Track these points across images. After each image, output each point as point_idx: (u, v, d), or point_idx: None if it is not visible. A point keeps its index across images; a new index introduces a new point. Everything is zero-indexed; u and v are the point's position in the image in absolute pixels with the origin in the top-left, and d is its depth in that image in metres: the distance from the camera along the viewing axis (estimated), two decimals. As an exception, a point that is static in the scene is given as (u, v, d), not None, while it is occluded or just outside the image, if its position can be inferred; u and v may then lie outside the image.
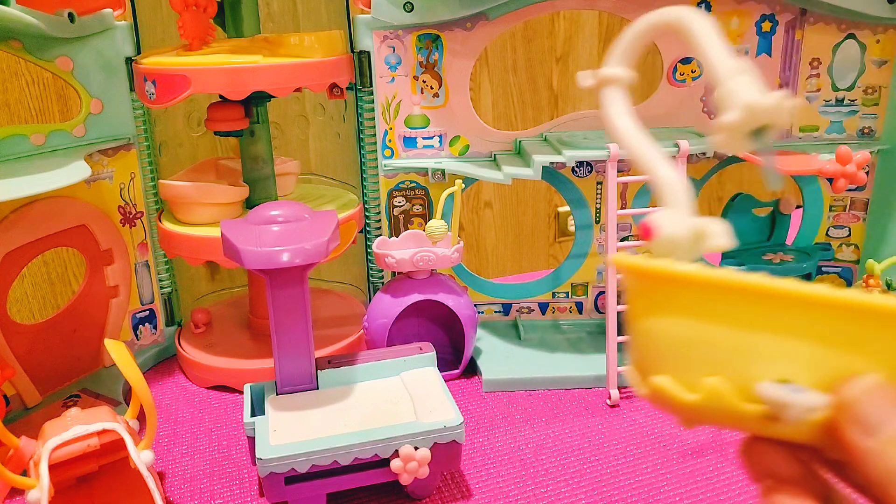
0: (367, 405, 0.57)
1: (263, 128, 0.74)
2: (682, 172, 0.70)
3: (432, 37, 0.72)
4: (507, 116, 1.36)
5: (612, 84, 0.32)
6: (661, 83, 0.76)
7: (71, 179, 0.62)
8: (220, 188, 0.72)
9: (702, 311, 0.24)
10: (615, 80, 0.32)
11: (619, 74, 0.32)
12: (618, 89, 0.32)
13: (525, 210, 1.52)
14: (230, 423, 0.67)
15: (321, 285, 0.91)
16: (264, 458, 0.50)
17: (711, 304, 0.24)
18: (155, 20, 0.76)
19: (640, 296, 0.26)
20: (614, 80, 0.32)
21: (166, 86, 0.65)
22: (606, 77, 0.32)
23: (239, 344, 0.77)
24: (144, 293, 0.77)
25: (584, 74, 0.33)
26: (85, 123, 0.70)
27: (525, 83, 1.33)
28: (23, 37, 0.64)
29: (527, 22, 0.78)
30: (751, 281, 0.23)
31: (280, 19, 0.86)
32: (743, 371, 0.24)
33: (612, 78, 0.32)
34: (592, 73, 0.32)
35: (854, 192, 0.78)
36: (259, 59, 0.65)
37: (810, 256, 0.75)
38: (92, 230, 0.71)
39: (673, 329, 0.25)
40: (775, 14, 0.73)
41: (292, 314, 0.56)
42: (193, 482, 0.59)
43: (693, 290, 0.24)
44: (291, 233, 0.56)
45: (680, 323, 0.24)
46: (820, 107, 0.76)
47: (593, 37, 1.30)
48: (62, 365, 0.70)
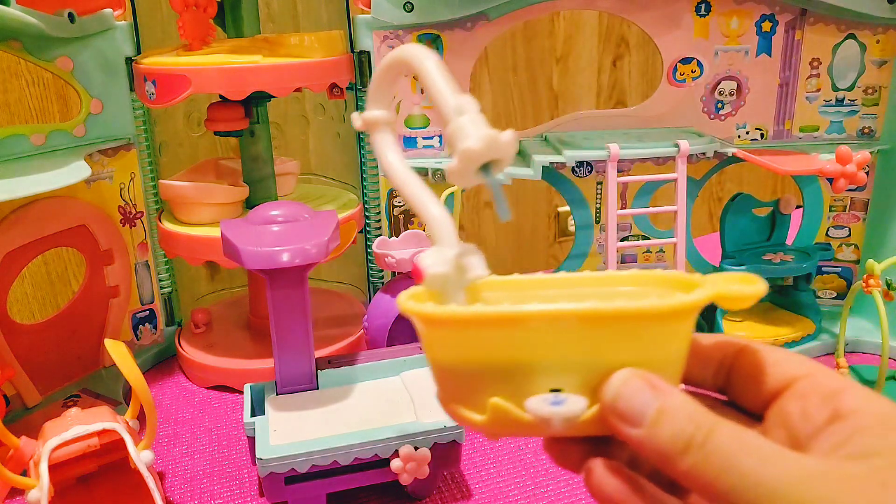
0: (368, 405, 0.57)
1: (263, 128, 0.74)
2: (683, 173, 0.71)
3: (432, 37, 0.72)
4: (507, 116, 1.36)
5: (378, 126, 0.33)
6: (661, 83, 0.76)
7: (71, 179, 0.62)
8: (220, 188, 0.72)
9: (473, 344, 0.26)
10: (378, 122, 0.33)
11: (379, 116, 0.33)
12: (385, 130, 0.33)
13: (525, 210, 1.52)
14: (230, 424, 0.67)
15: (321, 285, 0.91)
16: (264, 458, 0.50)
17: (479, 337, 0.26)
18: (155, 20, 0.76)
19: (425, 336, 0.28)
20: (378, 123, 0.33)
21: (166, 86, 0.65)
22: (369, 120, 0.33)
23: (239, 344, 0.77)
24: (144, 293, 0.77)
25: (354, 116, 0.34)
26: (85, 123, 0.70)
27: (525, 83, 1.33)
28: (23, 37, 0.64)
29: (527, 22, 0.77)
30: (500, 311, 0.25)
31: (280, 19, 0.86)
32: (519, 389, 0.26)
33: (375, 120, 0.33)
34: (359, 115, 0.34)
35: (854, 192, 0.78)
36: (259, 59, 0.65)
37: (810, 256, 0.75)
38: (92, 230, 0.71)
39: (455, 361, 0.27)
40: (775, 14, 0.73)
41: (292, 314, 0.56)
42: (193, 482, 0.59)
43: (459, 327, 0.26)
44: (291, 233, 0.56)
45: (460, 355, 0.27)
46: (820, 107, 0.76)
47: (593, 37, 1.30)
48: (62, 365, 0.70)
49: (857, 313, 0.76)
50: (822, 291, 0.82)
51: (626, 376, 0.25)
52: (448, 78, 0.31)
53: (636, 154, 0.70)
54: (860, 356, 0.74)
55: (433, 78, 0.31)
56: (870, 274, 0.64)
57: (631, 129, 0.77)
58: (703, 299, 0.26)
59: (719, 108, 0.77)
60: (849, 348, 0.74)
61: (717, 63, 0.75)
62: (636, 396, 0.25)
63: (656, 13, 0.73)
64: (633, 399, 0.25)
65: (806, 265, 0.75)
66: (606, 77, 1.32)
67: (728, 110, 0.77)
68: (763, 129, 0.77)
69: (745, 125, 0.77)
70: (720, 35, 0.74)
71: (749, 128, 0.77)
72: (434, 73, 0.31)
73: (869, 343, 0.75)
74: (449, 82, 0.31)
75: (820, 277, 0.81)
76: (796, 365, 0.28)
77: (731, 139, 0.77)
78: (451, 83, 0.31)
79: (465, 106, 0.29)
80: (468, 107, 0.29)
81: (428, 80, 0.31)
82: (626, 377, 0.25)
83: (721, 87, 0.76)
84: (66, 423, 0.51)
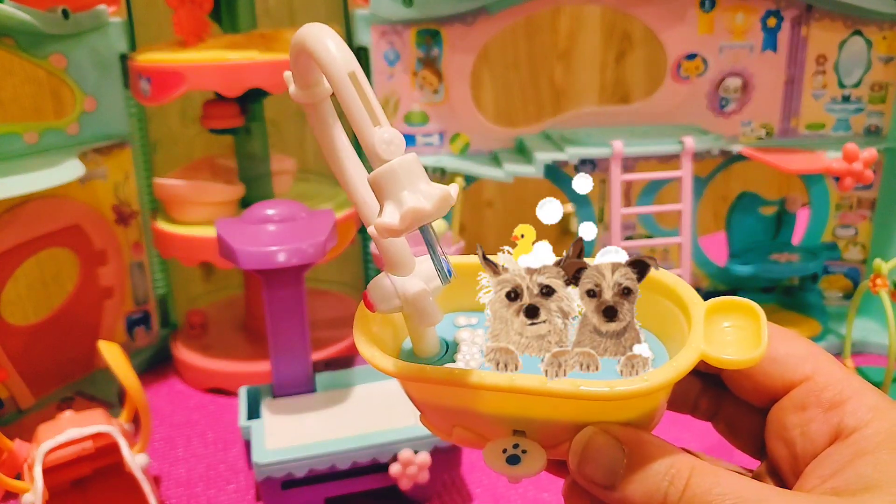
0: (366, 408, 0.56)
1: (259, 125, 0.73)
2: (688, 171, 0.70)
3: (432, 32, 0.70)
4: (508, 113, 1.36)
5: (308, 105, 0.29)
6: (665, 79, 0.75)
7: (64, 178, 0.61)
8: (215, 187, 0.71)
9: (429, 390, 0.27)
10: (302, 101, 0.29)
11: (298, 96, 0.28)
12: (318, 108, 0.29)
13: (527, 209, 1.50)
14: (226, 427, 0.67)
15: (318, 286, 0.90)
16: (261, 462, 0.50)
17: (432, 388, 0.26)
18: (150, 16, 0.76)
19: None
20: (304, 103, 0.29)
21: (161, 82, 0.65)
22: (296, 99, 0.29)
23: (235, 346, 0.76)
24: (139, 294, 0.77)
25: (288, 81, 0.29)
26: (79, 121, 0.69)
27: (527, 79, 1.32)
28: (16, 34, 0.63)
29: (529, 17, 0.76)
30: (449, 373, 0.25)
31: (276, 14, 0.86)
32: (481, 427, 0.27)
33: (299, 100, 0.29)
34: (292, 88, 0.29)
35: (861, 190, 0.77)
36: (255, 55, 0.65)
37: (816, 256, 0.74)
38: (86, 230, 0.70)
39: (415, 397, 0.28)
40: (780, 10, 0.72)
41: (289, 315, 0.55)
42: (189, 486, 0.59)
43: (406, 381, 0.27)
44: (288, 232, 0.55)
45: (418, 394, 0.28)
46: (826, 104, 0.75)
47: (596, 32, 1.29)
48: (56, 367, 0.69)
49: (863, 314, 0.75)
50: (828, 292, 0.81)
51: (589, 435, 0.24)
52: (371, 96, 0.24)
53: (640, 152, 0.70)
54: (867, 357, 0.73)
55: (350, 96, 0.24)
56: (877, 274, 0.63)
57: (635, 126, 0.76)
58: (679, 374, 0.23)
59: (724, 106, 0.75)
60: (855, 349, 0.73)
61: (722, 59, 0.74)
62: (602, 456, 0.23)
63: (660, 8, 0.72)
64: (600, 460, 0.23)
65: (812, 265, 0.74)
66: (610, 73, 1.31)
67: (733, 107, 0.76)
68: (769, 127, 0.76)
69: (750, 123, 0.76)
70: (725, 31, 0.73)
71: (755, 125, 0.76)
72: (352, 93, 0.24)
73: (876, 344, 0.74)
74: (373, 102, 0.24)
75: (826, 277, 0.80)
76: (796, 363, 0.26)
77: (737, 137, 0.76)
78: (375, 103, 0.24)
79: (395, 140, 0.24)
80: (398, 142, 0.24)
81: (344, 95, 0.24)
82: (590, 436, 0.24)
83: (726, 84, 0.75)
84: (61, 425, 0.50)
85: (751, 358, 0.23)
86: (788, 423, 0.25)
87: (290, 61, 0.28)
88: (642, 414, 0.25)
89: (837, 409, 0.24)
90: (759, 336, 0.24)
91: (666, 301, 0.27)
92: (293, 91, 0.28)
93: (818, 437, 0.24)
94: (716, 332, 0.25)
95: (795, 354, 0.26)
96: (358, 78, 0.24)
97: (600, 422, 0.24)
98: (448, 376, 0.25)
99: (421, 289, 0.27)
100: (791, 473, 0.25)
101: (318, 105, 0.29)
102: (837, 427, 0.24)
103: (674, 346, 0.27)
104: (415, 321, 0.27)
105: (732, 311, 0.25)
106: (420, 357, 0.28)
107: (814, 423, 0.24)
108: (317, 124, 0.29)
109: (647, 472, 0.23)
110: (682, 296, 0.26)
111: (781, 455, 0.25)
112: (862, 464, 0.22)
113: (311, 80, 0.28)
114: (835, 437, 0.24)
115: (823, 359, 0.26)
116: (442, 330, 0.30)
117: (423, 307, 0.27)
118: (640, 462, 0.23)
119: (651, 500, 0.22)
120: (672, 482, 0.22)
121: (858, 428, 0.23)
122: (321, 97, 0.28)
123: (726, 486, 0.22)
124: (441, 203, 0.23)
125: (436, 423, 0.29)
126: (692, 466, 0.23)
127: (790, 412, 0.25)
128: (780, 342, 0.26)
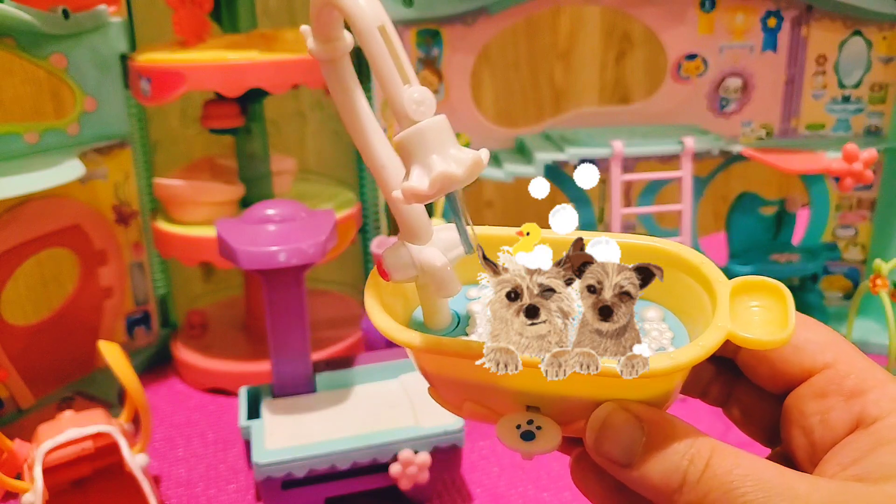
0: (366, 408, 0.56)
1: (260, 125, 0.73)
2: (688, 171, 0.69)
3: (432, 32, 0.70)
4: (508, 113, 1.35)
5: (325, 61, 0.27)
6: (666, 80, 0.75)
7: (65, 178, 0.61)
8: (215, 187, 0.71)
9: (442, 362, 0.26)
10: (321, 57, 0.27)
11: (319, 52, 0.26)
12: (336, 64, 0.27)
13: (527, 209, 1.51)
14: (226, 427, 0.67)
15: (318, 286, 0.90)
16: (261, 462, 0.50)
17: (446, 360, 0.26)
18: (150, 16, 0.75)
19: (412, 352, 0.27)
20: (322, 58, 0.27)
21: (161, 83, 0.65)
22: (315, 55, 0.27)
23: (235, 346, 0.76)
24: (139, 294, 0.76)
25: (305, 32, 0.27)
26: (79, 121, 0.69)
27: (527, 80, 1.32)
28: (16, 34, 0.63)
29: (529, 17, 0.76)
30: (464, 345, 0.24)
31: (276, 14, 0.86)
32: (494, 402, 0.26)
33: (318, 56, 0.27)
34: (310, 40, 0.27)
35: (861, 191, 0.77)
36: (255, 55, 0.65)
37: (817, 256, 0.74)
38: (86, 230, 0.70)
39: (427, 369, 0.27)
40: (781, 10, 0.72)
41: (289, 315, 0.55)
42: (189, 486, 0.59)
43: (419, 352, 0.26)
44: (288, 232, 0.55)
45: (430, 366, 0.27)
46: (826, 104, 0.75)
47: (596, 32, 1.29)
48: (56, 367, 0.69)
49: (864, 314, 0.75)
50: (828, 292, 0.81)
51: (608, 412, 0.23)
52: (402, 52, 0.23)
53: (641, 152, 0.69)
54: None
55: (380, 50, 0.23)
56: (877, 274, 0.63)
57: (635, 127, 0.76)
58: (706, 353, 0.22)
59: (724, 106, 0.75)
60: (856, 349, 0.73)
61: (722, 59, 0.74)
62: (621, 434, 0.23)
63: (661, 8, 0.72)
64: (618, 437, 0.23)
65: (812, 265, 0.74)
66: (610, 73, 1.31)
67: (733, 108, 0.75)
68: (769, 127, 0.76)
69: (750, 123, 0.76)
70: (725, 31, 0.73)
71: (755, 126, 0.76)
72: (381, 48, 0.23)
73: (876, 344, 0.73)
74: (404, 58, 0.23)
75: (826, 277, 0.80)
76: (816, 350, 0.25)
77: (737, 137, 0.76)
78: (405, 59, 0.23)
79: (426, 101, 0.23)
80: (429, 102, 0.23)
81: (373, 49, 0.23)
82: (609, 413, 0.23)
83: (726, 84, 0.75)
84: (61, 425, 0.50)
85: (779, 339, 0.23)
86: (807, 410, 0.24)
87: (312, 14, 0.26)
88: (660, 394, 0.24)
89: (859, 398, 0.23)
90: (787, 317, 0.23)
91: (688, 279, 0.27)
92: (311, 45, 0.26)
93: (838, 425, 0.23)
94: (741, 311, 0.24)
95: (816, 341, 0.25)
96: (388, 32, 0.23)
97: (617, 399, 0.24)
98: (466, 349, 0.24)
99: (441, 259, 0.26)
100: (807, 461, 0.24)
101: (338, 61, 0.27)
102: (859, 416, 0.23)
103: (693, 325, 0.26)
104: (430, 292, 0.26)
105: (758, 291, 0.25)
106: (431, 329, 0.28)
107: (834, 412, 0.24)
108: (334, 83, 0.27)
109: (667, 452, 0.22)
110: (708, 274, 0.26)
111: (798, 443, 0.25)
112: (884, 452, 0.22)
113: (333, 35, 0.26)
114: (855, 426, 0.23)
115: (845, 347, 0.25)
116: (453, 302, 0.29)
117: (443, 278, 0.26)
118: (660, 441, 0.22)
119: (670, 479, 0.22)
120: (692, 462, 0.22)
121: (881, 417, 0.23)
122: (341, 52, 0.26)
123: (748, 467, 0.21)
124: (472, 168, 0.22)
125: (446, 396, 0.28)
126: (713, 447, 0.22)
127: (809, 399, 0.25)
128: (800, 328, 0.25)
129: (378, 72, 0.23)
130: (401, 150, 0.23)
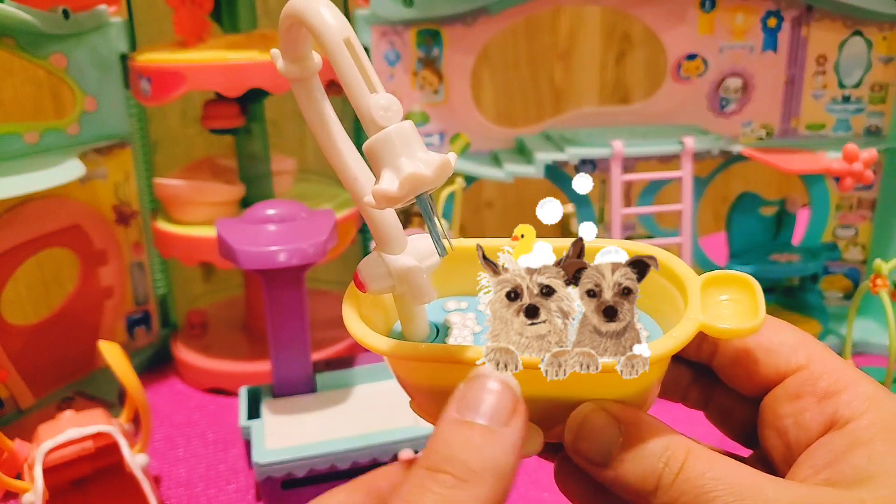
0: (366, 409, 0.56)
1: (260, 125, 0.73)
2: (688, 171, 0.69)
3: (432, 32, 0.70)
4: (508, 113, 1.35)
5: (296, 80, 0.28)
6: (666, 80, 0.75)
7: (65, 178, 0.61)
8: (215, 187, 0.71)
9: (417, 370, 0.27)
10: (291, 77, 0.28)
11: (288, 71, 0.28)
12: (306, 83, 0.28)
13: (527, 209, 1.50)
14: (226, 427, 0.66)
15: (319, 286, 0.90)
16: (261, 462, 0.50)
17: (421, 367, 0.26)
18: (150, 16, 0.75)
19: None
20: (293, 77, 0.28)
21: (161, 83, 0.65)
22: (284, 75, 0.28)
23: (235, 346, 0.76)
24: (139, 294, 0.76)
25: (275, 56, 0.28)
26: (79, 121, 0.69)
27: (527, 80, 1.32)
28: (16, 34, 0.63)
29: (529, 18, 0.77)
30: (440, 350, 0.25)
31: (276, 14, 0.85)
32: None
33: (288, 76, 0.28)
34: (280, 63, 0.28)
35: (861, 191, 0.77)
36: (255, 55, 0.64)
37: (817, 256, 0.74)
38: (86, 230, 0.70)
39: (404, 378, 0.28)
40: (781, 10, 0.72)
41: (289, 315, 0.55)
42: (189, 486, 0.59)
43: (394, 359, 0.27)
44: (288, 232, 0.55)
45: (407, 375, 0.28)
46: (826, 104, 0.75)
47: (596, 33, 1.29)
48: (56, 367, 0.69)
49: (864, 314, 0.75)
50: (828, 292, 0.81)
51: (587, 412, 0.24)
52: (367, 62, 0.24)
53: (641, 152, 0.69)
54: (867, 357, 0.73)
55: (346, 62, 0.23)
56: (877, 274, 0.63)
57: (635, 127, 0.76)
58: (678, 346, 0.23)
59: (724, 106, 0.75)
60: (856, 350, 0.73)
61: (723, 60, 0.74)
62: (598, 434, 0.23)
63: (661, 8, 0.72)
64: (596, 437, 0.23)
65: (812, 265, 0.74)
66: (610, 73, 1.31)
67: (733, 108, 0.75)
68: (769, 127, 0.76)
69: (750, 123, 0.76)
70: (725, 31, 0.73)
71: (755, 126, 0.76)
72: (348, 59, 0.23)
73: (876, 345, 0.74)
74: (369, 68, 0.24)
75: (826, 278, 0.80)
76: (789, 352, 0.25)
77: (737, 137, 0.76)
78: (370, 69, 0.24)
79: (393, 107, 0.24)
80: (395, 108, 0.24)
81: (339, 61, 0.23)
82: (587, 413, 0.24)
83: (726, 84, 0.75)
84: (61, 425, 0.50)
85: (750, 327, 0.23)
86: (781, 412, 0.25)
87: (280, 34, 0.27)
88: (637, 391, 0.25)
89: (832, 398, 0.23)
90: (756, 307, 0.24)
91: (659, 277, 0.27)
92: (280, 66, 0.27)
93: (812, 426, 0.24)
94: (712, 304, 0.25)
95: (788, 343, 0.25)
96: (353, 44, 0.24)
97: (597, 399, 0.24)
98: (443, 353, 0.24)
99: (415, 264, 0.26)
100: (783, 463, 0.25)
101: (308, 80, 0.28)
102: (832, 417, 0.23)
103: (667, 323, 0.27)
104: (407, 300, 0.27)
105: (728, 284, 0.25)
106: (410, 340, 0.28)
107: (807, 413, 0.24)
108: (305, 100, 0.28)
109: (643, 453, 0.22)
110: (677, 271, 0.26)
111: (774, 444, 0.25)
112: (856, 455, 0.22)
113: (301, 54, 0.27)
114: (829, 427, 0.23)
115: (817, 348, 0.25)
116: (431, 314, 0.29)
117: (417, 283, 0.26)
118: (636, 442, 0.23)
119: (645, 480, 0.22)
120: (667, 464, 0.22)
121: (853, 418, 0.23)
122: (311, 72, 0.27)
123: (720, 470, 0.22)
124: (440, 170, 0.23)
125: (427, 407, 0.28)
126: (688, 449, 0.22)
127: (783, 401, 0.25)
128: (772, 331, 0.26)
129: (345, 82, 0.24)
130: (370, 156, 0.24)
